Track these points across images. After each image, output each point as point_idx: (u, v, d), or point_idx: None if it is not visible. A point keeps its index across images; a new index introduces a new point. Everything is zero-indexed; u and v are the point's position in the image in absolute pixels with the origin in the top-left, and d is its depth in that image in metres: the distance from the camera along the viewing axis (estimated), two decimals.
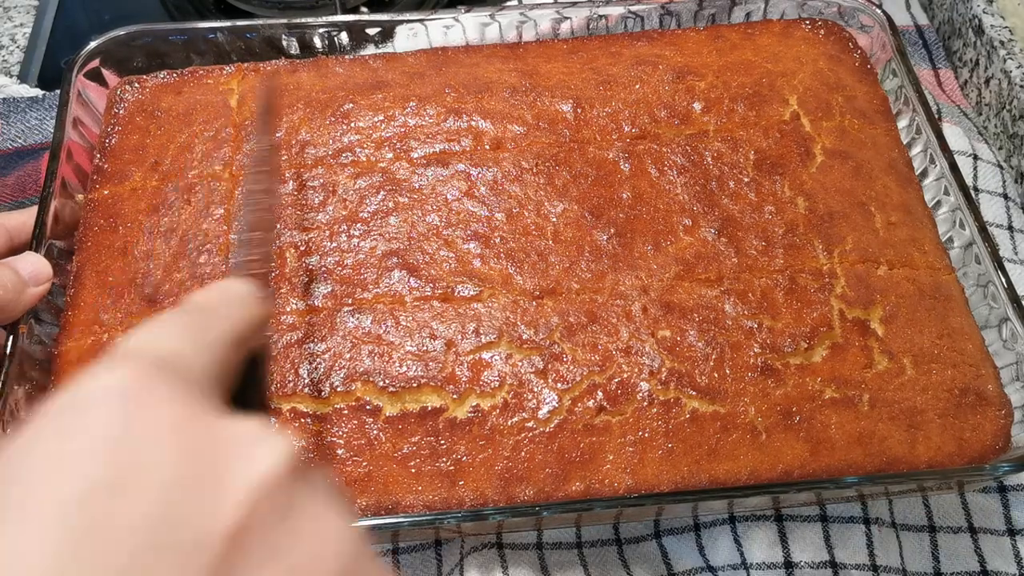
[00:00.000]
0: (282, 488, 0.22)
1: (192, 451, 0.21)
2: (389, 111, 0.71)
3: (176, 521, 0.20)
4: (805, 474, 0.57)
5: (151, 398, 0.21)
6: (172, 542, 0.19)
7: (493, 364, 0.60)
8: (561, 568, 0.61)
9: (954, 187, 0.67)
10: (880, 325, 0.62)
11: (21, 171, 0.79)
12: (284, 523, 0.22)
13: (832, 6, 0.78)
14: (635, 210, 0.66)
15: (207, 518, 0.20)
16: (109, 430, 0.20)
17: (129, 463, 0.20)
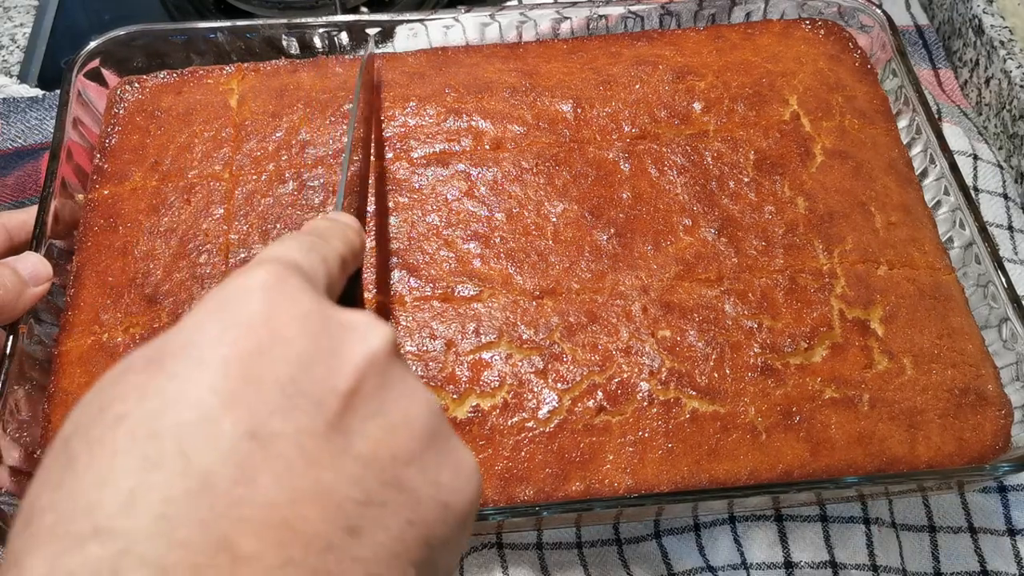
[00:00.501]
0: (385, 363, 0.28)
1: (318, 330, 0.28)
2: (389, 111, 0.71)
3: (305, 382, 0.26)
4: (805, 474, 0.57)
5: (285, 290, 0.28)
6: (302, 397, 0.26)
7: (493, 364, 0.60)
8: (561, 568, 0.61)
9: (954, 187, 0.67)
10: (880, 325, 0.62)
11: (21, 171, 0.79)
12: (385, 391, 0.28)
13: (832, 6, 0.78)
14: (635, 210, 0.66)
15: (329, 381, 0.27)
16: (255, 314, 0.27)
17: (272, 338, 0.27)
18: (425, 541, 0.27)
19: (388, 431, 0.27)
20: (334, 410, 0.26)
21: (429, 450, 0.28)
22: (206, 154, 0.69)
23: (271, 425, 0.25)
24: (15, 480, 0.56)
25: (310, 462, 0.25)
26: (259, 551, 0.23)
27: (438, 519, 0.28)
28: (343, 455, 0.26)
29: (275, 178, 0.68)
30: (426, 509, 0.27)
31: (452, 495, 0.28)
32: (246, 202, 0.67)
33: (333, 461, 0.26)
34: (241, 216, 0.66)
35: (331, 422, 0.26)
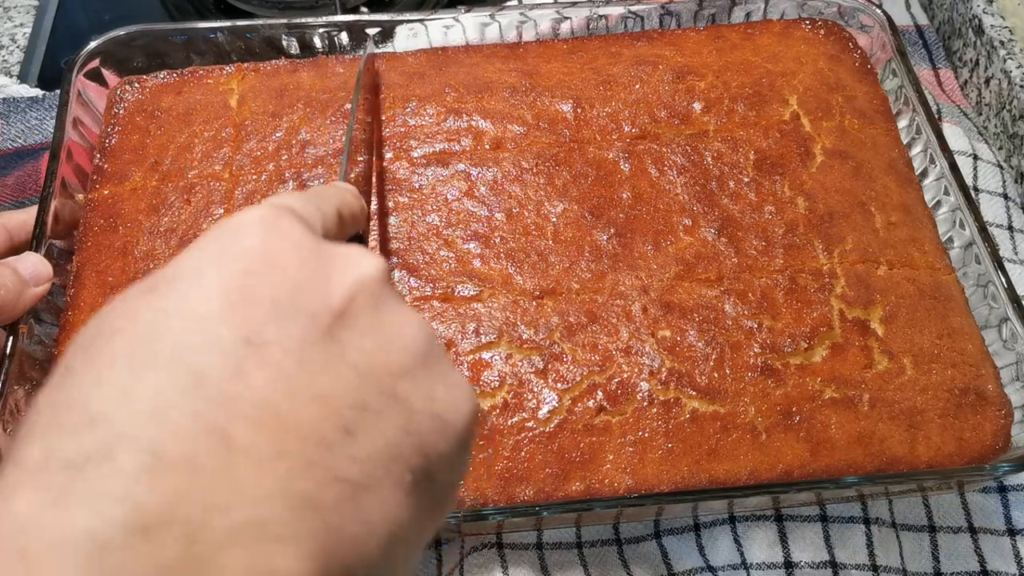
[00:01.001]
0: (377, 288, 0.29)
1: (311, 257, 0.29)
2: (389, 111, 0.71)
3: (299, 299, 0.27)
4: (805, 474, 0.57)
5: (281, 225, 0.29)
6: (296, 311, 0.27)
7: (493, 364, 0.60)
8: (561, 568, 0.61)
9: (954, 187, 0.67)
10: (880, 325, 0.62)
11: (21, 171, 0.79)
12: (377, 311, 0.29)
13: (832, 6, 0.78)
14: (635, 210, 0.66)
15: (322, 298, 0.28)
16: (251, 244, 0.28)
17: (267, 263, 0.28)
18: (421, 451, 0.27)
19: (382, 346, 0.28)
20: (327, 323, 0.27)
21: (423, 367, 0.29)
22: (206, 154, 0.69)
23: (266, 333, 0.26)
24: None
25: (304, 367, 0.26)
26: (253, 441, 0.23)
27: (434, 430, 0.28)
28: (337, 362, 0.27)
29: (275, 178, 0.68)
30: (421, 420, 0.28)
31: (447, 410, 0.29)
32: (246, 202, 0.67)
33: (327, 367, 0.26)
34: None
35: (325, 333, 0.27)
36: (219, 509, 0.22)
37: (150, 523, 0.21)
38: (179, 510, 0.22)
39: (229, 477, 0.23)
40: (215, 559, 0.21)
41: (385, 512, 0.26)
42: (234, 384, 0.24)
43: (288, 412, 0.24)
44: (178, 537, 0.21)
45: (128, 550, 0.21)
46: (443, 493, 0.30)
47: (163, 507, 0.22)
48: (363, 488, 0.25)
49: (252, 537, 0.22)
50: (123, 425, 0.23)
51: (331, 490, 0.24)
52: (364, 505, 0.25)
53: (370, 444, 0.26)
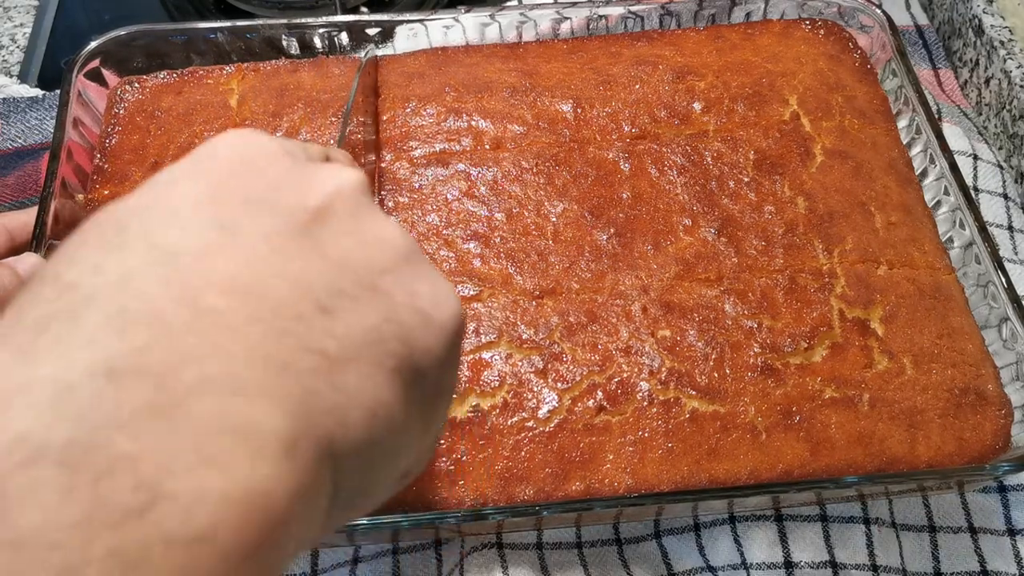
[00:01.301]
0: (356, 195, 0.29)
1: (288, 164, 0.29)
2: (389, 111, 0.71)
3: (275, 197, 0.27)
4: (805, 474, 0.57)
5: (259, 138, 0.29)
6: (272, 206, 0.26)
7: (493, 364, 0.60)
8: (561, 568, 0.61)
9: (954, 187, 0.67)
10: (880, 325, 0.62)
11: (21, 171, 0.79)
12: (356, 216, 0.28)
13: (832, 6, 0.78)
14: (635, 210, 0.66)
15: (298, 198, 0.27)
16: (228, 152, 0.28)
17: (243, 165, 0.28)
18: (404, 341, 0.27)
19: (361, 245, 0.27)
20: (303, 220, 0.27)
21: (405, 267, 0.28)
22: None
23: (239, 222, 0.25)
24: None
25: (277, 252, 0.25)
26: (224, 307, 0.23)
27: (417, 324, 0.27)
28: (312, 253, 0.26)
29: None
30: (403, 312, 0.27)
31: (431, 305, 0.28)
32: None
33: (301, 255, 0.26)
34: None
35: (300, 228, 0.26)
36: (189, 360, 0.21)
37: (118, 370, 0.21)
38: (147, 359, 0.21)
39: (199, 336, 0.22)
40: (185, 406, 0.21)
41: (365, 387, 0.25)
42: (205, 261, 0.24)
43: (261, 287, 0.24)
44: (146, 384, 0.21)
45: (94, 394, 0.20)
46: (433, 395, 0.29)
47: (130, 355, 0.21)
48: (340, 362, 0.24)
49: (224, 389, 0.22)
50: (91, 290, 0.23)
51: (306, 358, 0.23)
52: (342, 377, 0.24)
53: (347, 324, 0.25)
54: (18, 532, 0.18)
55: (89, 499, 0.19)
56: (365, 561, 0.62)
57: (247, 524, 0.20)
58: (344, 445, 0.24)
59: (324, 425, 0.23)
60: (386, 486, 0.29)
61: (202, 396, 0.21)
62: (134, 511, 0.19)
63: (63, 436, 0.19)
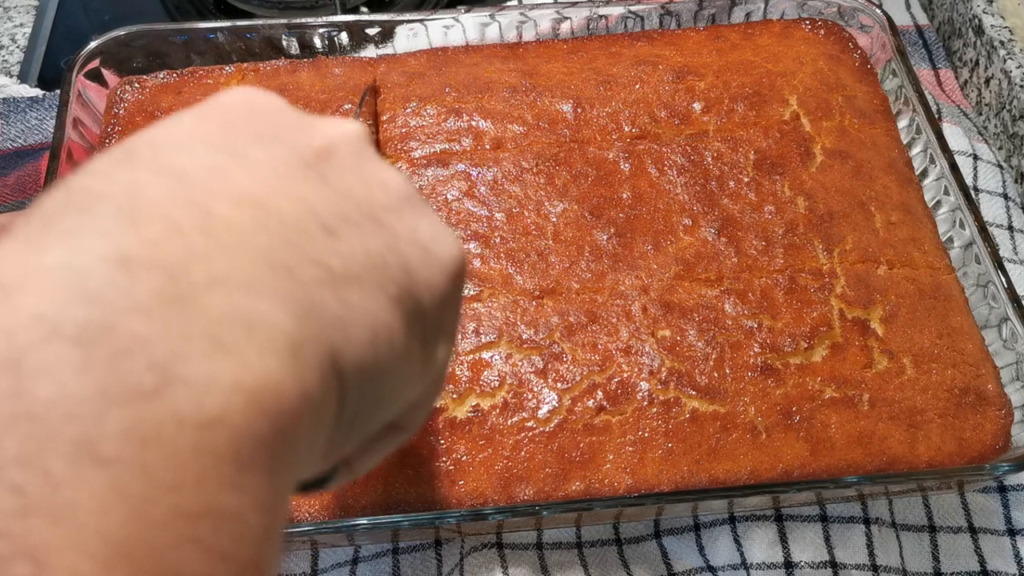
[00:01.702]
0: (358, 142, 0.29)
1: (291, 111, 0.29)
2: (389, 111, 0.71)
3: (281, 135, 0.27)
4: (805, 474, 0.57)
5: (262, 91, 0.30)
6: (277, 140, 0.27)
7: (493, 364, 0.60)
8: (561, 568, 0.61)
9: (954, 187, 0.67)
10: (880, 325, 0.62)
11: (21, 171, 0.79)
12: (359, 158, 0.29)
13: (832, 6, 0.78)
14: (635, 210, 0.66)
15: (304, 138, 0.28)
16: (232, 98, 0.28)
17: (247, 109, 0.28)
18: (405, 270, 0.27)
19: (363, 183, 0.28)
20: (308, 156, 0.27)
21: (406, 206, 0.29)
22: None
23: (247, 150, 0.26)
24: None
25: (284, 177, 0.26)
26: (233, 216, 0.23)
27: (418, 256, 0.28)
28: (318, 183, 0.26)
29: None
30: (404, 245, 0.28)
31: (431, 243, 0.29)
32: None
33: (307, 182, 0.26)
34: None
35: (304, 159, 0.27)
36: (199, 257, 0.22)
37: (130, 259, 0.21)
38: (158, 253, 0.21)
39: (209, 237, 0.22)
40: (196, 299, 0.21)
41: (367, 306, 0.25)
42: (214, 180, 0.24)
43: (268, 203, 0.24)
44: (159, 277, 0.21)
45: (108, 281, 0.20)
46: (434, 331, 0.29)
47: (142, 247, 0.21)
48: (344, 279, 0.25)
49: (234, 285, 0.22)
50: (100, 192, 0.23)
51: (311, 269, 0.24)
52: (345, 293, 0.25)
53: (351, 246, 0.26)
54: (35, 404, 0.18)
55: (104, 376, 0.19)
56: (365, 561, 0.62)
57: (258, 413, 0.21)
58: (347, 360, 0.24)
59: (329, 335, 0.24)
60: (385, 416, 0.30)
61: (212, 290, 0.21)
62: (148, 391, 0.19)
63: (79, 316, 0.20)
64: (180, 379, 0.20)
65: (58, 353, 0.19)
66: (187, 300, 0.21)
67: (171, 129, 0.26)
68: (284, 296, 0.23)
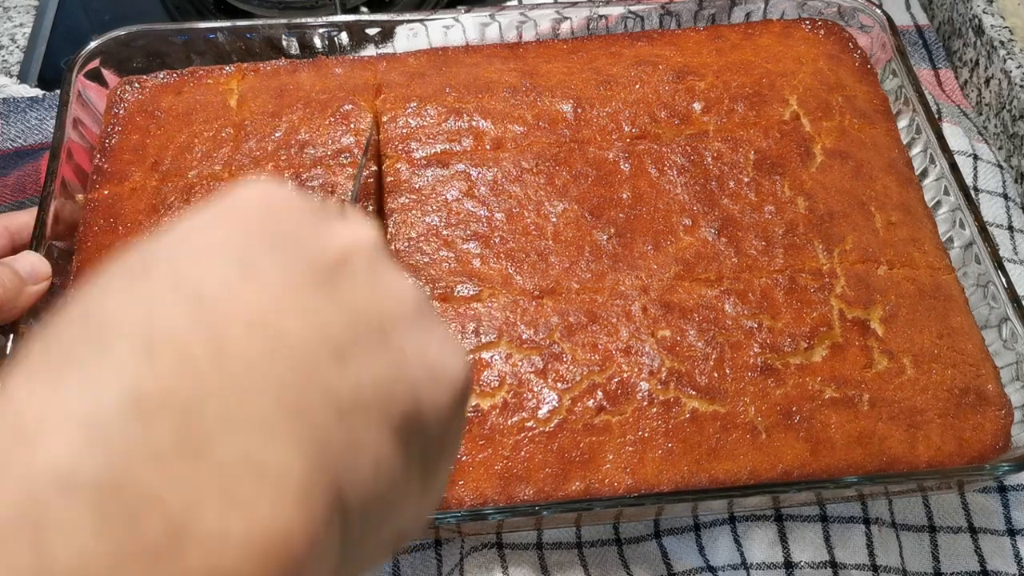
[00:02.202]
0: (373, 249, 0.30)
1: (308, 214, 0.29)
2: (390, 111, 0.71)
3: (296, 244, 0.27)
4: (805, 474, 0.57)
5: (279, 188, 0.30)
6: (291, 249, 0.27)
7: (493, 364, 0.60)
8: (561, 568, 0.61)
9: (954, 187, 0.67)
10: (880, 325, 0.62)
11: (21, 171, 0.79)
12: (372, 269, 0.29)
13: (832, 6, 0.78)
14: (635, 210, 0.66)
15: (317, 245, 0.28)
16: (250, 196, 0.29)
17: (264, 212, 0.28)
18: (412, 394, 0.27)
19: (376, 296, 0.28)
20: (322, 268, 0.27)
21: (416, 322, 0.29)
22: (206, 154, 0.69)
23: (262, 264, 0.26)
24: None
25: (299, 293, 0.26)
26: (245, 343, 0.24)
27: (426, 379, 0.28)
28: (332, 296, 0.27)
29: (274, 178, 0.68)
30: (413, 367, 0.28)
31: (440, 363, 0.29)
32: None
33: (318, 295, 0.26)
34: None
35: (318, 272, 0.27)
36: (213, 396, 0.22)
37: (145, 403, 0.21)
38: (174, 395, 0.22)
39: (222, 371, 0.23)
40: (210, 445, 0.21)
41: (373, 438, 0.26)
42: (228, 297, 0.25)
43: (279, 324, 0.25)
44: (174, 422, 0.21)
45: (124, 432, 0.21)
46: (435, 454, 0.29)
47: (158, 388, 0.22)
48: (351, 410, 0.25)
49: (246, 427, 0.22)
50: (118, 323, 0.23)
51: (320, 402, 0.24)
52: (352, 426, 0.25)
53: (360, 372, 0.26)
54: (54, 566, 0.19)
55: (122, 537, 0.20)
56: None
57: (269, 562, 0.21)
58: (352, 495, 0.25)
59: (336, 472, 0.24)
60: (381, 547, 0.30)
61: (225, 434, 0.22)
62: (164, 551, 0.20)
63: (96, 471, 0.20)
64: (194, 537, 0.20)
65: (75, 510, 0.20)
66: (201, 447, 0.21)
67: (190, 237, 0.27)
68: (294, 436, 0.23)
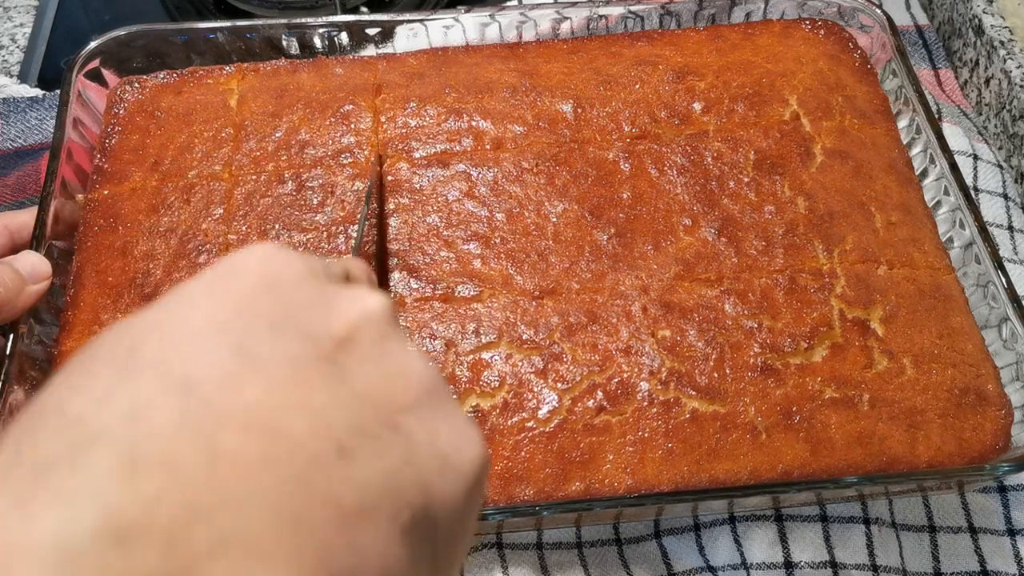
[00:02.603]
0: (382, 323, 0.28)
1: (313, 286, 0.28)
2: (389, 111, 0.71)
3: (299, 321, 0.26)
4: (805, 474, 0.57)
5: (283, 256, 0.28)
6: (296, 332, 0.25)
7: (493, 364, 0.60)
8: (561, 568, 0.61)
9: (954, 187, 0.67)
10: (880, 325, 0.62)
11: (21, 171, 0.79)
12: (381, 346, 0.27)
13: (832, 6, 0.78)
14: (635, 210, 0.66)
15: (323, 324, 0.26)
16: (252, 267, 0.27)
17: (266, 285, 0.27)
18: (422, 488, 0.25)
19: (384, 377, 0.26)
20: (327, 348, 0.26)
21: (427, 404, 0.27)
22: (206, 154, 0.69)
23: (261, 348, 0.24)
24: None
25: (299, 382, 0.24)
26: (240, 448, 0.22)
27: (436, 469, 0.26)
28: (336, 384, 0.25)
29: (275, 178, 0.68)
30: (423, 456, 0.26)
31: (451, 450, 0.27)
32: (245, 202, 0.67)
33: (324, 386, 0.25)
34: (240, 216, 0.66)
35: (324, 357, 0.25)
36: (202, 516, 0.20)
37: (125, 529, 0.19)
38: (157, 514, 0.20)
39: (213, 482, 0.21)
40: (197, 572, 0.20)
41: (378, 543, 0.23)
42: (223, 391, 0.23)
43: (279, 422, 0.23)
44: (156, 546, 0.19)
45: (100, 560, 0.19)
46: (445, 548, 0.27)
47: (139, 511, 0.20)
48: (356, 516, 0.23)
49: (237, 549, 0.20)
50: (99, 426, 0.21)
51: (321, 511, 0.22)
52: (356, 534, 0.23)
53: (366, 469, 0.24)
54: None
55: None
56: None
57: None
58: None
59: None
60: None
61: (214, 560, 0.20)
62: None
63: None
64: None
65: None
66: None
67: (182, 315, 0.25)
68: (291, 554, 0.21)
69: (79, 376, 0.23)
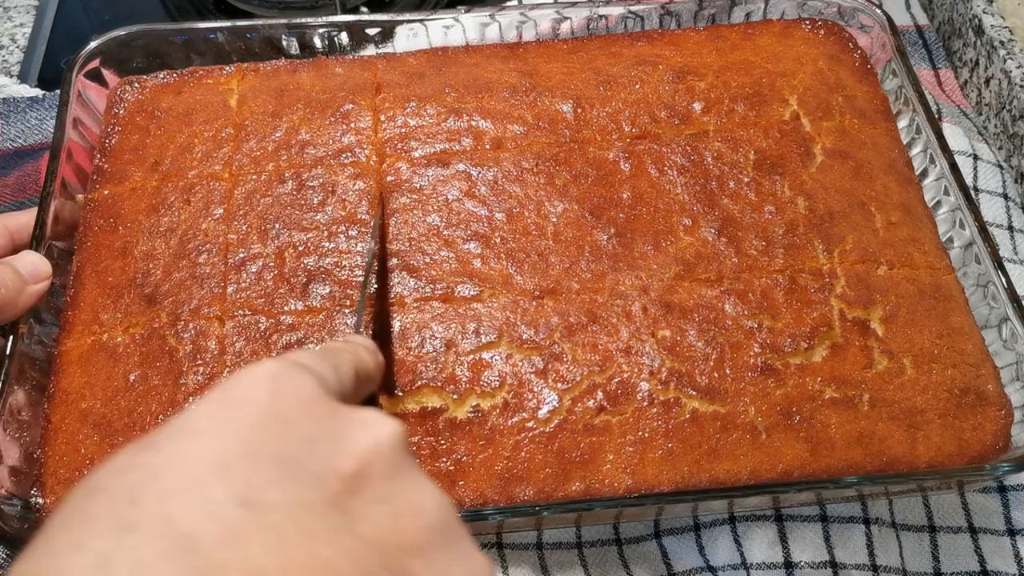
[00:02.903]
0: (392, 454, 0.27)
1: (322, 416, 0.27)
2: (389, 111, 0.71)
3: (306, 459, 0.25)
4: (805, 474, 0.57)
5: (292, 379, 0.28)
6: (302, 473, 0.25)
7: (493, 364, 0.60)
8: (561, 568, 0.61)
9: (954, 187, 0.67)
10: (880, 325, 0.62)
11: (21, 171, 0.79)
12: (392, 480, 0.27)
13: (832, 6, 0.78)
14: (635, 210, 0.66)
15: (331, 461, 0.26)
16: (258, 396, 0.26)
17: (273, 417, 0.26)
18: None
19: (394, 519, 0.26)
20: (335, 490, 0.25)
21: (438, 546, 0.26)
22: (206, 154, 0.69)
23: (266, 495, 0.24)
24: (14, 480, 0.56)
25: (306, 534, 0.23)
26: None
27: None
28: (343, 533, 0.24)
29: (275, 178, 0.68)
30: None
31: None
32: (245, 202, 0.67)
33: (331, 537, 0.24)
34: (240, 216, 0.66)
35: (331, 500, 0.25)
36: None
37: None
38: None
39: None
40: None
41: None
42: (226, 551, 0.22)
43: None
44: None
45: None
46: None
47: None
48: None
49: None
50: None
51: None
52: None
53: None
54: None
55: None
56: None
57: None
58: None
59: None
60: None
61: None
62: None
63: None
64: None
65: None
66: None
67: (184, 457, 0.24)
68: None
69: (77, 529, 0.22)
